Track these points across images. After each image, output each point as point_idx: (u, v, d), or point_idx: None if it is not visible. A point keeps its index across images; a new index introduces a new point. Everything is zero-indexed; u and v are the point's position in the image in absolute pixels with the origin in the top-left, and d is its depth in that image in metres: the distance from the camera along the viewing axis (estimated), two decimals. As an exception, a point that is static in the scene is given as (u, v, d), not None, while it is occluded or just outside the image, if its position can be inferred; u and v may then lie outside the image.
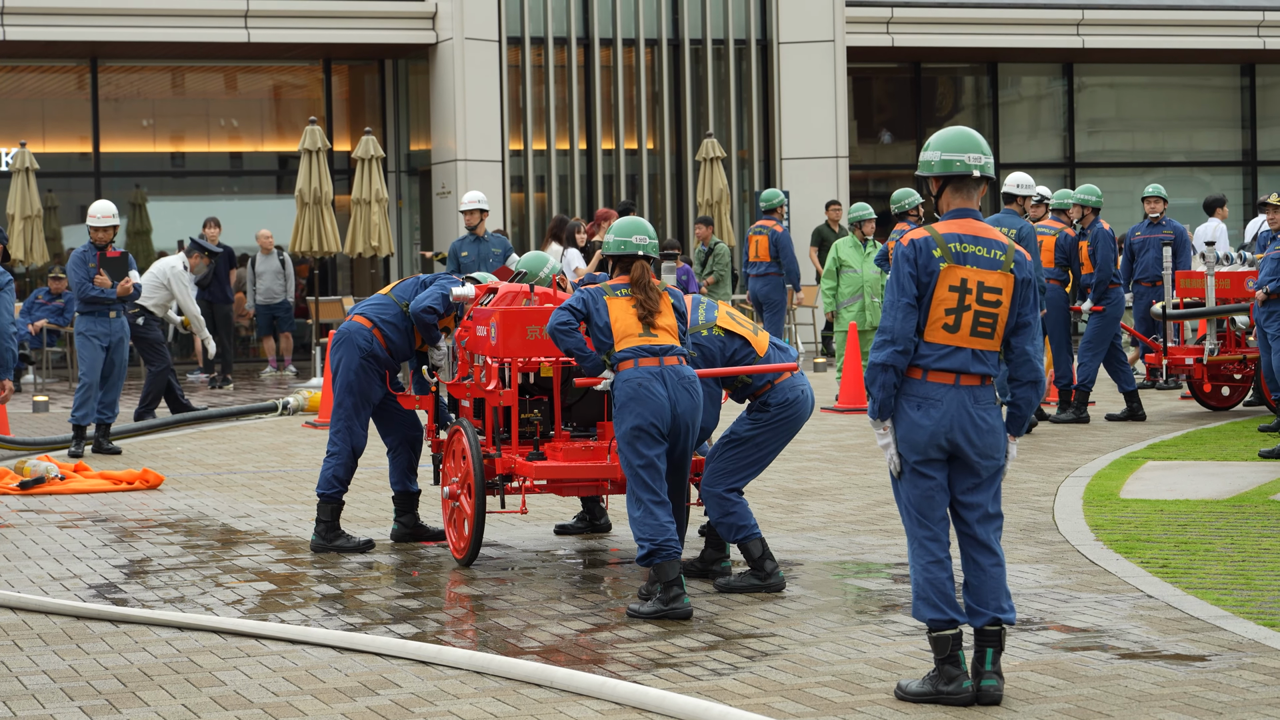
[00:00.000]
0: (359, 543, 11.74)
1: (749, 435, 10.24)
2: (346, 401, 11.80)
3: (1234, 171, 35.98)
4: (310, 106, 31.80)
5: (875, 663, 8.41)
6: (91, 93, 30.60)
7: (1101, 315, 18.45)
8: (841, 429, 18.25)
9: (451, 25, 29.22)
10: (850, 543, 11.73)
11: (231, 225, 27.85)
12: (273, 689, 8.11)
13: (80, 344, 17.16)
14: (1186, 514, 12.46)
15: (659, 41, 30.53)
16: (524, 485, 10.82)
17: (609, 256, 10.15)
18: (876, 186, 34.79)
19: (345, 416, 11.80)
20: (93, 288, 17.00)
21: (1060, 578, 10.36)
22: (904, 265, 7.67)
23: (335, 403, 11.85)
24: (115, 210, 17.61)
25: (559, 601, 10.00)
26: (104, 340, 17.07)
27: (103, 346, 17.06)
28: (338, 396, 11.84)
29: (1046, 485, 14.00)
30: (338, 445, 11.81)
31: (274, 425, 19.67)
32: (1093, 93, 35.19)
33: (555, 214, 28.89)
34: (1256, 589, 9.87)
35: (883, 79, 34.94)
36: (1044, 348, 7.98)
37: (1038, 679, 8.02)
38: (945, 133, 7.84)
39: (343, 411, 11.81)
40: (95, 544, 12.18)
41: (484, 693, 7.96)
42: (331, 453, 11.82)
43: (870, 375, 7.70)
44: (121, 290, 17.08)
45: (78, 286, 17.11)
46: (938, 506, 7.75)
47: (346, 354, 11.78)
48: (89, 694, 8.08)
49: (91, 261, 17.10)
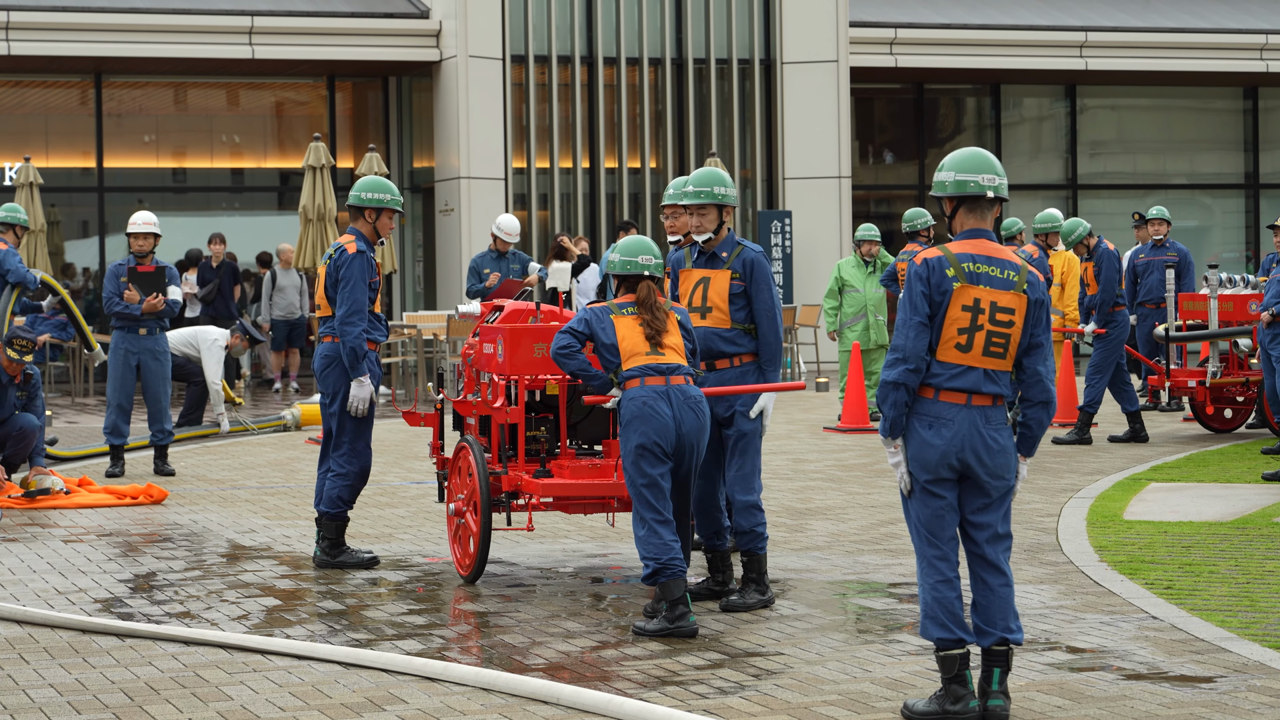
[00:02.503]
0: (364, 558, 11.74)
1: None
2: (348, 424, 11.76)
3: (1236, 194, 36.02)
4: (314, 123, 31.84)
5: (881, 682, 8.41)
6: (95, 108, 30.64)
7: (1105, 338, 18.46)
8: (845, 448, 18.25)
9: (455, 43, 29.26)
10: (854, 562, 11.73)
11: (232, 241, 27.87)
12: (279, 704, 8.11)
13: (110, 360, 16.76)
14: (1190, 536, 12.46)
15: (662, 60, 30.57)
16: (530, 502, 10.82)
17: (615, 276, 10.17)
18: (878, 207, 34.82)
19: (350, 439, 11.77)
20: (118, 302, 16.57)
21: (1065, 599, 10.36)
22: (917, 284, 7.69)
23: (334, 425, 11.78)
24: (154, 219, 17.06)
25: (564, 619, 10.00)
26: (133, 358, 16.64)
27: (132, 364, 16.65)
28: (337, 418, 11.77)
29: (1050, 506, 14.01)
30: (344, 467, 11.75)
31: (277, 441, 19.67)
32: (1095, 115, 35.24)
33: (558, 233, 28.91)
34: (1261, 611, 9.87)
35: (885, 99, 34.98)
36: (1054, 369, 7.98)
37: (1044, 699, 8.02)
38: (959, 153, 7.83)
39: (346, 435, 11.76)
40: (100, 558, 12.19)
41: (490, 709, 7.96)
42: (339, 473, 11.75)
43: (882, 394, 7.72)
44: (148, 307, 16.56)
45: (106, 301, 16.70)
46: (947, 526, 7.75)
47: (338, 377, 11.78)
48: (96, 708, 8.08)
49: (123, 275, 16.64)
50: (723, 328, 10.34)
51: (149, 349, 16.75)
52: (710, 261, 10.42)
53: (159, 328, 16.88)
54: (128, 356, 16.67)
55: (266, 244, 29.68)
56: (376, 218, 11.92)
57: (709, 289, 10.38)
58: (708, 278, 10.40)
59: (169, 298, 16.74)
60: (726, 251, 10.40)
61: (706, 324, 10.35)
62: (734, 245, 10.40)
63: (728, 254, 10.39)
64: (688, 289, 10.46)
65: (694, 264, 10.50)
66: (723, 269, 10.37)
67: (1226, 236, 35.79)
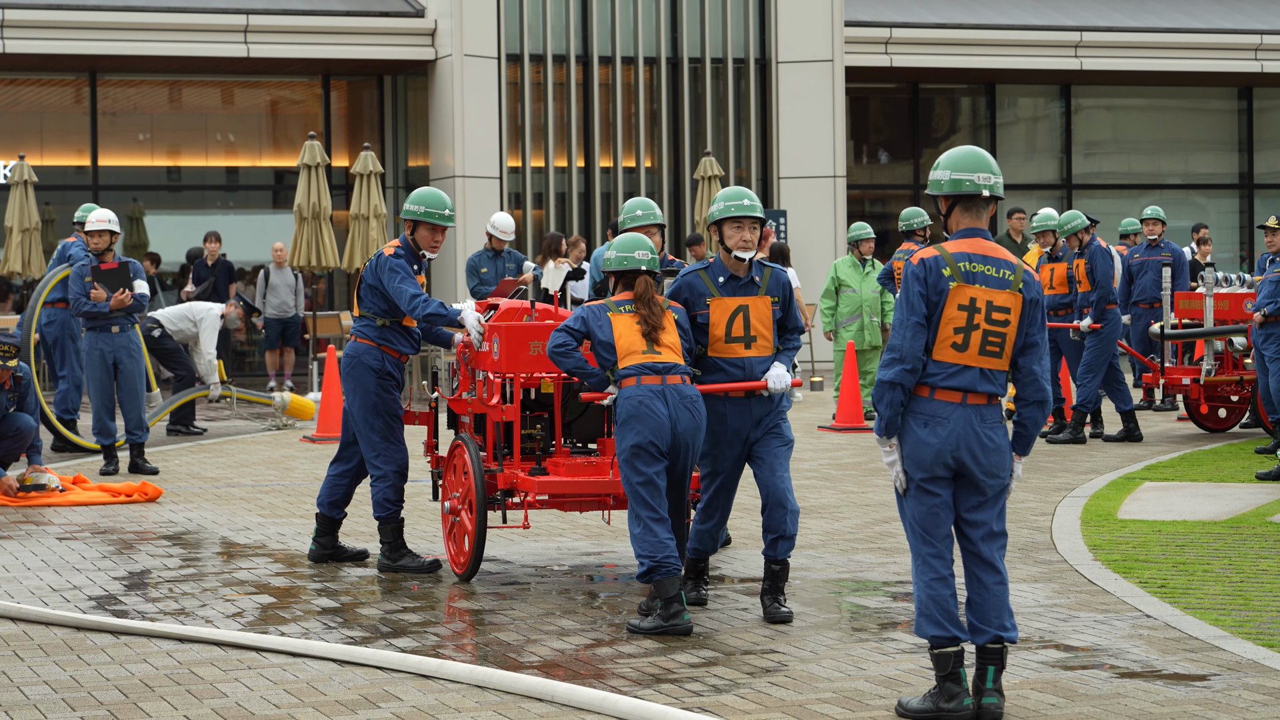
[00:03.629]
0: (425, 563, 11.52)
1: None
2: (377, 424, 11.55)
3: (1230, 194, 36.05)
4: (308, 122, 31.83)
5: (876, 680, 8.42)
6: (90, 106, 30.62)
7: (1099, 335, 18.47)
8: (839, 447, 18.27)
9: (451, 42, 29.26)
10: (849, 560, 11.74)
11: (227, 240, 27.88)
12: (274, 701, 8.11)
13: (85, 363, 16.76)
14: (1184, 535, 12.48)
15: (658, 60, 30.58)
16: (526, 500, 10.83)
17: (611, 273, 10.15)
18: (873, 206, 34.84)
19: (381, 438, 11.58)
20: (86, 302, 16.54)
21: (1059, 597, 10.38)
22: (914, 284, 7.69)
23: (364, 427, 11.57)
24: (111, 216, 16.99)
25: (559, 616, 10.01)
26: (109, 356, 16.65)
27: (109, 363, 16.65)
28: (365, 420, 11.55)
29: (1044, 505, 14.02)
30: (382, 469, 11.55)
31: (272, 439, 19.67)
32: (1090, 115, 35.26)
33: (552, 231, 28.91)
34: (1255, 609, 9.89)
35: (880, 99, 34.99)
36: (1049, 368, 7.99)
37: (1038, 697, 8.03)
38: (955, 152, 7.84)
39: (376, 435, 11.55)
40: (95, 556, 12.19)
41: (485, 707, 7.97)
42: (378, 475, 11.57)
43: (878, 393, 7.72)
44: (116, 303, 16.54)
45: (74, 302, 16.71)
46: (942, 524, 7.76)
47: (361, 376, 11.65)
48: (91, 704, 8.08)
49: (87, 275, 16.62)
50: (767, 355, 9.98)
51: (123, 346, 16.74)
52: (746, 288, 9.97)
53: (130, 324, 16.86)
54: (104, 356, 16.67)
55: (261, 243, 29.66)
56: (414, 230, 11.69)
57: (751, 317, 9.96)
58: (745, 305, 9.95)
59: (136, 292, 16.71)
60: (758, 275, 10.01)
61: (752, 354, 9.92)
62: (760, 267, 10.04)
63: (759, 278, 10.00)
64: (722, 318, 9.95)
65: (723, 291, 9.99)
66: (760, 295, 9.97)
67: (1221, 237, 35.77)
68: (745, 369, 9.93)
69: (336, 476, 11.89)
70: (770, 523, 9.87)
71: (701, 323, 10.00)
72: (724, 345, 9.95)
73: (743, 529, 12.89)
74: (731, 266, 9.99)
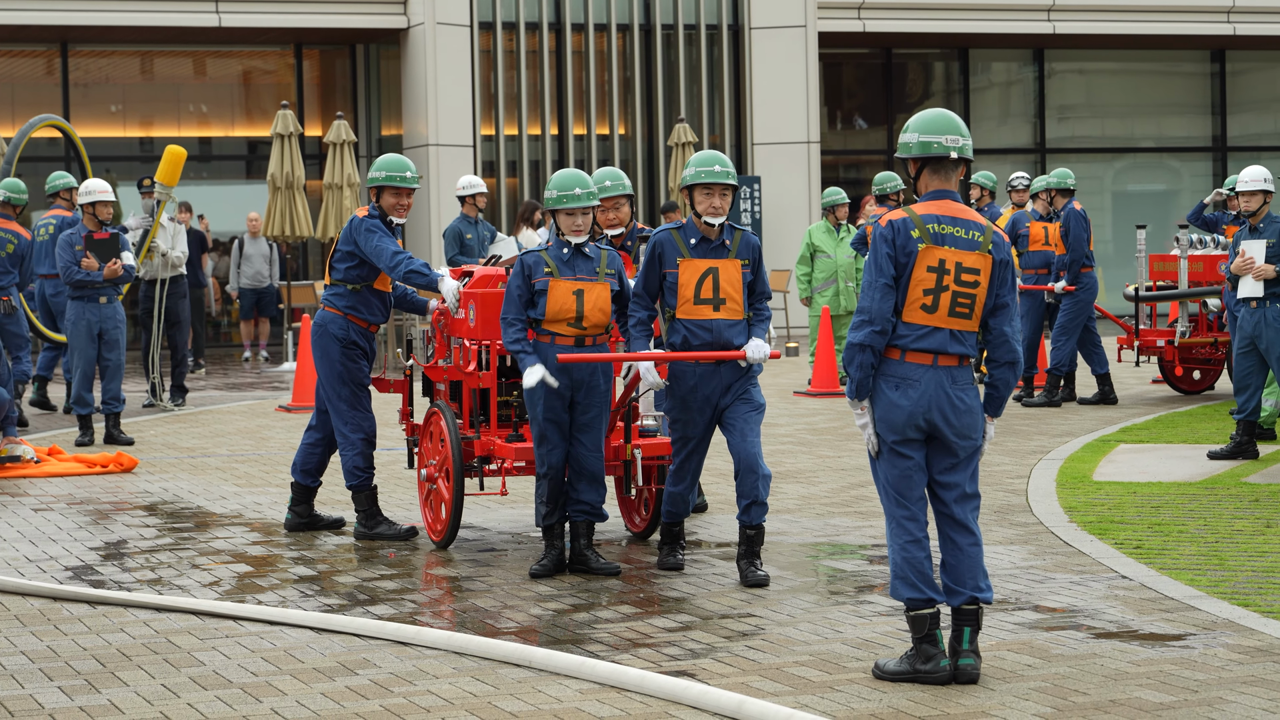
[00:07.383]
0: (401, 530, 11.53)
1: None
2: (344, 392, 11.55)
3: (1204, 157, 36.09)
4: (281, 91, 31.75)
5: (852, 642, 8.44)
6: (61, 77, 30.51)
7: (1074, 298, 18.50)
8: (815, 412, 18.29)
9: (423, 10, 29.17)
10: (825, 525, 11.77)
11: (201, 210, 27.79)
12: (251, 669, 8.12)
13: (70, 332, 16.68)
14: (1159, 496, 12.51)
15: (630, 27, 30.53)
16: (503, 467, 10.83)
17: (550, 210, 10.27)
18: (847, 172, 34.83)
19: (348, 407, 11.58)
20: (78, 271, 16.46)
21: (1035, 559, 10.41)
22: (882, 246, 7.70)
23: (331, 395, 11.57)
24: (107, 185, 16.90)
25: (536, 583, 10.01)
26: (95, 326, 16.59)
27: (95, 334, 16.60)
28: (331, 388, 11.56)
29: (1020, 468, 14.06)
30: (350, 437, 11.55)
31: (248, 409, 19.66)
32: (1063, 79, 35.27)
33: (526, 199, 28.88)
34: (1230, 569, 9.92)
35: (854, 64, 34.97)
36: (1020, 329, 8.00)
37: (1014, 658, 8.05)
38: (924, 115, 7.85)
39: (343, 404, 11.55)
40: (71, 526, 12.17)
41: (463, 672, 7.98)
42: (347, 443, 11.56)
43: (848, 355, 7.73)
44: (109, 273, 16.49)
45: (64, 271, 16.56)
46: (915, 486, 7.78)
47: (327, 345, 11.63)
48: (68, 674, 8.08)
49: (78, 244, 16.52)
50: (737, 319, 9.97)
51: (110, 316, 16.70)
52: (716, 250, 9.97)
53: (116, 295, 16.82)
54: (90, 326, 16.63)
55: (235, 213, 29.60)
56: (378, 196, 11.61)
57: (720, 279, 9.93)
58: (715, 268, 9.93)
59: (125, 263, 16.69)
60: (729, 238, 10.00)
61: (721, 316, 9.91)
62: (731, 230, 10.02)
63: (730, 241, 9.99)
64: (691, 279, 9.91)
65: (694, 253, 9.97)
66: (730, 258, 9.96)
67: (1194, 200, 35.82)
68: (714, 331, 9.93)
69: (310, 445, 11.88)
70: (743, 488, 9.88)
71: (671, 283, 9.99)
72: (693, 307, 9.94)
73: (718, 494, 12.91)
74: (703, 229, 10.00)
